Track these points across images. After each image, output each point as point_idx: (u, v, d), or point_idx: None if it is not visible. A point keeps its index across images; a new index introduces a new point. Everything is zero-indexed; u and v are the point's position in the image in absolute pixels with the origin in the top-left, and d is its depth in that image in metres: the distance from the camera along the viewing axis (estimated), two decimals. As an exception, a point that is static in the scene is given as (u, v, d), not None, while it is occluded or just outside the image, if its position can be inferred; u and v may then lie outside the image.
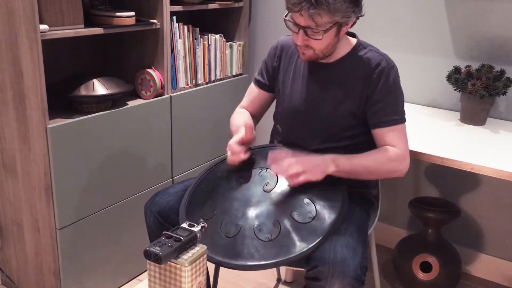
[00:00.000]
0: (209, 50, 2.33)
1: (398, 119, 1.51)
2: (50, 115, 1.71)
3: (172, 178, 2.26)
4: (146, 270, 1.82)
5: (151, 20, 2.01)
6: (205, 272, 1.28)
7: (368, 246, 1.50)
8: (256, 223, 1.38)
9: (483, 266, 2.27)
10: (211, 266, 1.94)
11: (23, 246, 1.93)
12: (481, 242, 2.26)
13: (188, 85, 2.27)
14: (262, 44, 2.69)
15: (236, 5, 2.46)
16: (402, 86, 1.55)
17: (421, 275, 2.04)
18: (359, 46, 1.56)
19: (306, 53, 1.49)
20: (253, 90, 1.77)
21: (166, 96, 2.11)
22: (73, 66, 2.11)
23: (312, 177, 1.41)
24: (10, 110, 1.75)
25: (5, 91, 1.74)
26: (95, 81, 1.84)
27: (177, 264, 1.21)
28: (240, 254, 1.33)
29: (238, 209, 1.42)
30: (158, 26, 2.01)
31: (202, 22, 2.57)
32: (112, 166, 1.94)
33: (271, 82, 1.71)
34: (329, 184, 1.44)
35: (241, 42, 2.52)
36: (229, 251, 1.34)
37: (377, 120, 1.51)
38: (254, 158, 1.58)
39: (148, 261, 1.23)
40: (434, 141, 1.77)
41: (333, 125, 1.56)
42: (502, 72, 1.94)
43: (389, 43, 2.29)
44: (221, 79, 2.45)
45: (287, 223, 1.37)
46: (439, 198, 2.16)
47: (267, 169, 1.52)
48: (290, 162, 1.42)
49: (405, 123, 1.53)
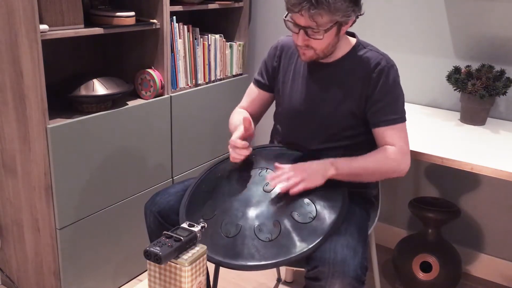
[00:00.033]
0: (209, 50, 2.33)
1: (398, 118, 1.51)
2: (50, 115, 1.71)
3: (172, 178, 2.26)
4: (146, 270, 1.82)
5: (151, 20, 2.01)
6: (205, 272, 1.28)
7: (368, 246, 1.50)
8: (256, 223, 1.38)
9: (483, 266, 2.27)
10: (211, 266, 1.94)
11: (23, 246, 1.93)
12: (481, 242, 2.26)
13: (188, 85, 2.27)
14: (262, 44, 2.69)
15: (236, 5, 2.46)
16: (402, 86, 1.56)
17: (421, 275, 2.04)
18: (359, 45, 1.56)
19: (306, 53, 1.49)
20: (252, 91, 1.76)
21: (166, 96, 2.11)
22: (73, 66, 2.11)
23: (311, 184, 1.42)
24: (10, 110, 1.75)
25: (5, 91, 1.74)
26: (95, 81, 1.84)
27: (177, 264, 1.21)
28: (240, 254, 1.33)
29: (238, 209, 1.42)
30: (158, 26, 2.01)
31: (202, 22, 2.57)
32: (112, 166, 1.94)
33: (271, 82, 1.71)
34: (329, 184, 1.45)
35: (241, 42, 2.52)
36: (229, 251, 1.34)
37: (377, 119, 1.51)
38: (254, 158, 1.57)
39: (148, 261, 1.23)
40: (434, 141, 1.77)
41: (333, 125, 1.56)
42: (502, 72, 1.94)
43: (389, 43, 2.29)
44: (221, 79, 2.45)
45: (287, 223, 1.36)
46: (439, 198, 2.16)
47: (267, 169, 1.52)
48: (289, 174, 1.43)
49: (405, 122, 1.53)
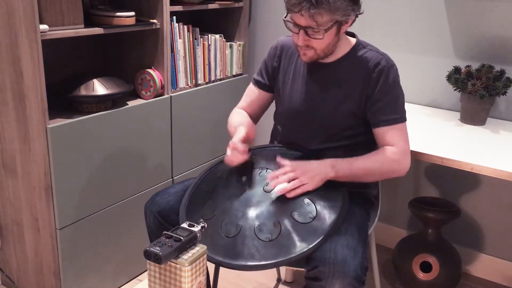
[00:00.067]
0: (209, 50, 2.33)
1: (398, 118, 1.51)
2: (50, 115, 1.71)
3: (172, 178, 2.26)
4: (146, 270, 1.82)
5: (151, 20, 2.01)
6: (205, 272, 1.28)
7: (368, 246, 1.50)
8: (256, 223, 1.37)
9: (483, 266, 2.27)
10: (211, 266, 1.94)
11: (23, 246, 1.93)
12: (481, 242, 2.26)
13: (188, 85, 2.27)
14: (262, 44, 2.69)
15: (236, 5, 2.45)
16: (402, 86, 1.55)
17: (421, 275, 2.04)
18: (359, 45, 1.56)
19: (307, 53, 1.49)
20: (252, 91, 1.76)
21: (166, 96, 2.11)
22: (73, 66, 2.11)
23: (310, 187, 1.42)
24: (10, 110, 1.75)
25: (5, 91, 1.74)
26: (95, 81, 1.84)
27: (177, 264, 1.21)
28: (240, 254, 1.33)
29: (239, 209, 1.42)
30: (158, 26, 2.01)
31: (202, 22, 2.56)
32: (112, 166, 1.94)
33: (271, 82, 1.71)
34: (329, 184, 1.45)
35: (241, 42, 2.52)
36: (229, 251, 1.34)
37: (377, 119, 1.51)
38: (254, 158, 1.57)
39: (148, 261, 1.22)
40: (434, 141, 1.77)
41: (333, 125, 1.56)
42: (502, 72, 1.94)
43: (389, 43, 2.29)
44: (221, 79, 2.45)
45: (288, 223, 1.36)
46: (439, 198, 2.16)
47: (267, 169, 1.52)
48: (289, 176, 1.43)
49: (405, 122, 1.53)
